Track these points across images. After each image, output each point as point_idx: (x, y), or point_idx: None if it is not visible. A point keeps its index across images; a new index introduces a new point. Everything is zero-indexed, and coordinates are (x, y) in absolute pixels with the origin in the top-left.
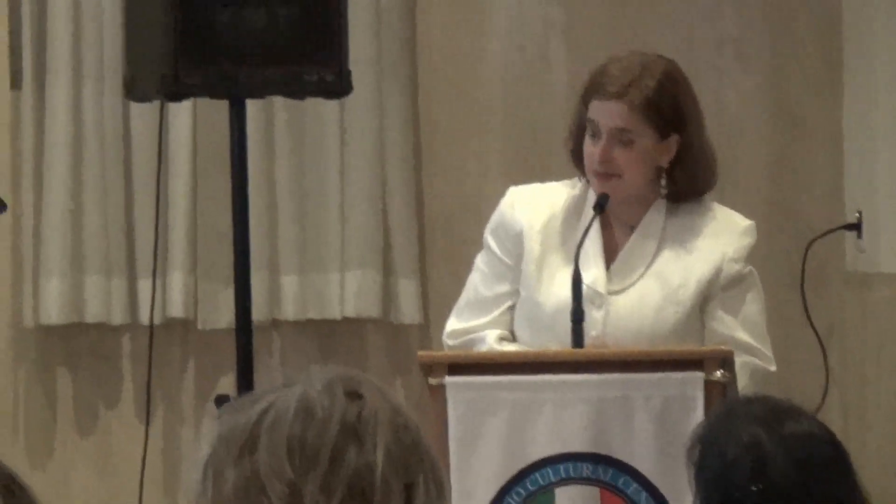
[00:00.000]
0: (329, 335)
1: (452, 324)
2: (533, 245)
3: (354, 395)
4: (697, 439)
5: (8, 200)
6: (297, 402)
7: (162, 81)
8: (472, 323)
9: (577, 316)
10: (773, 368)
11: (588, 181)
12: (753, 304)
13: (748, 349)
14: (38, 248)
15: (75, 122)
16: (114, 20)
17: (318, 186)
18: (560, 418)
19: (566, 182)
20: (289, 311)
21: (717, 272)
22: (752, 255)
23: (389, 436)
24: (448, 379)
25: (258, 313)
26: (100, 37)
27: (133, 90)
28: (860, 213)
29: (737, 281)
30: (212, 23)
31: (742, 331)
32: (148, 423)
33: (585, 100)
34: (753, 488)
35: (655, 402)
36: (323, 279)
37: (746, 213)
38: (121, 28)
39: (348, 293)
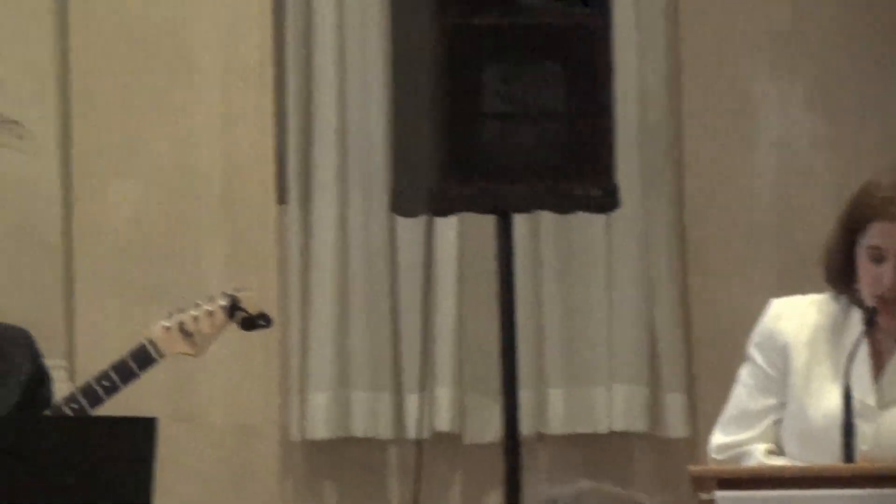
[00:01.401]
0: (596, 449)
1: (718, 438)
2: (799, 357)
3: None
4: None
5: (275, 314)
6: None
7: (429, 196)
8: (738, 437)
9: (848, 430)
10: None
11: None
12: None
13: None
14: (305, 362)
15: (341, 236)
16: (380, 135)
17: (584, 299)
18: None
19: (827, 294)
20: (556, 425)
21: None
22: None
23: None
24: (719, 494)
25: (525, 427)
26: (366, 152)
27: (400, 205)
28: None
29: None
30: (479, 138)
31: None
32: None
33: (860, 223)
34: None
35: None
36: (590, 393)
37: None
38: (387, 143)
39: (615, 407)
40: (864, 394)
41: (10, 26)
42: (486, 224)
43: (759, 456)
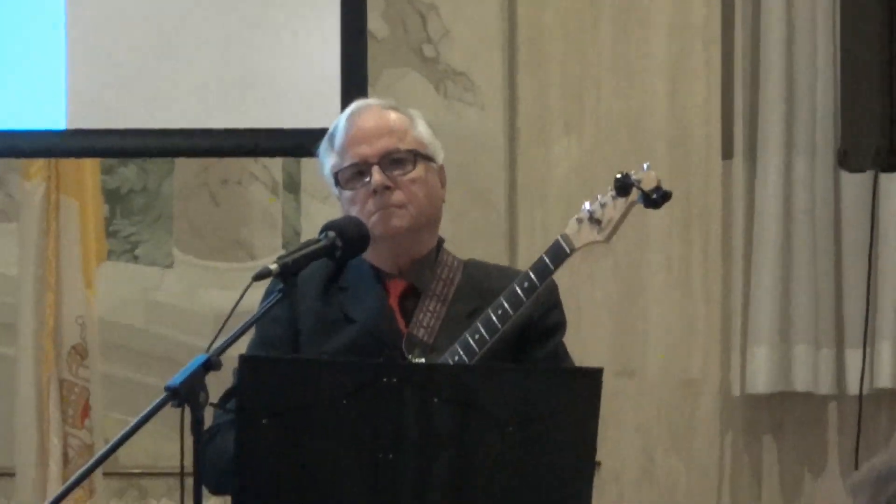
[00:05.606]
0: None
1: None
2: None
3: None
4: None
5: (721, 270)
6: None
7: (876, 152)
8: None
9: None
10: None
11: None
12: None
13: None
14: (746, 317)
15: (785, 191)
16: (826, 94)
17: None
18: None
19: None
20: None
21: None
22: None
23: None
24: None
25: None
26: (812, 109)
27: (846, 161)
28: None
29: None
30: None
31: None
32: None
33: None
34: None
35: None
36: None
37: None
38: (833, 97)
39: None
40: None
41: None
42: None
43: None
